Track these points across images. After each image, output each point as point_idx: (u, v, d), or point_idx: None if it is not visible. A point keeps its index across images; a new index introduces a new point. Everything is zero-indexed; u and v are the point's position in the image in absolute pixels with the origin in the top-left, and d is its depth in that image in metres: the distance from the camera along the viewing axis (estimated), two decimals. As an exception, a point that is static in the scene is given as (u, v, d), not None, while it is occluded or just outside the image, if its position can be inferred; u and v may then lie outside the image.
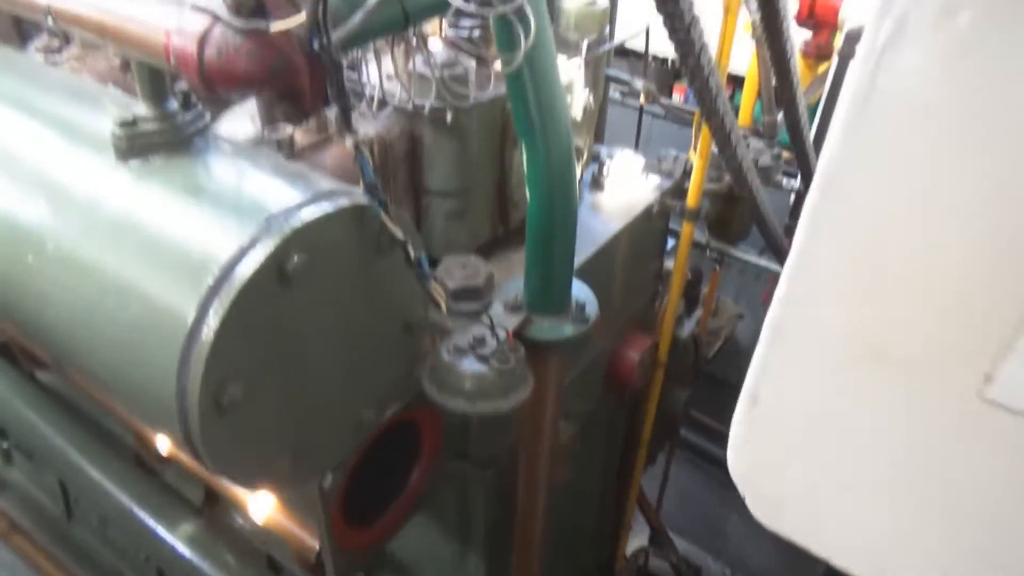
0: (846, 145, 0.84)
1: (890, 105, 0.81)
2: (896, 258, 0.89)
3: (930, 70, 0.77)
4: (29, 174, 1.78)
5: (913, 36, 0.75)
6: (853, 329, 0.93)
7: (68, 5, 1.63)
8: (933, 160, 0.82)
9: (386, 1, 1.44)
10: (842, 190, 0.86)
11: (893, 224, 0.87)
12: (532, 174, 1.85)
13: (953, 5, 0.71)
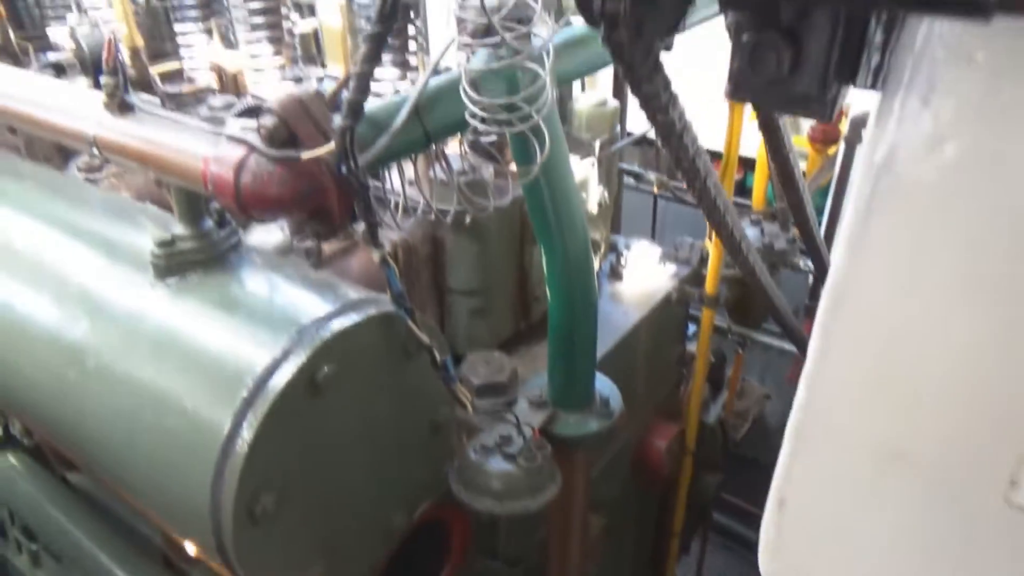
0: (851, 259, 0.88)
1: (889, 222, 0.85)
2: (911, 364, 0.91)
3: (923, 192, 0.82)
4: (72, 293, 1.87)
5: (905, 162, 0.80)
6: (873, 434, 0.95)
7: (111, 136, 1.74)
8: (937, 270, 0.86)
9: (409, 124, 1.53)
10: (851, 301, 0.90)
11: (905, 332, 0.90)
12: (551, 276, 1.90)
13: (939, 138, 0.76)
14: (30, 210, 2.17)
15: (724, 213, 1.13)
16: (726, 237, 1.25)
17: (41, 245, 2.02)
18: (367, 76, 1.29)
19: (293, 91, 1.47)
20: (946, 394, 0.91)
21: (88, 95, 1.87)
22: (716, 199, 1.08)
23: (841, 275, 0.88)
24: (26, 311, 1.91)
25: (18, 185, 2.35)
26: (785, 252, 3.26)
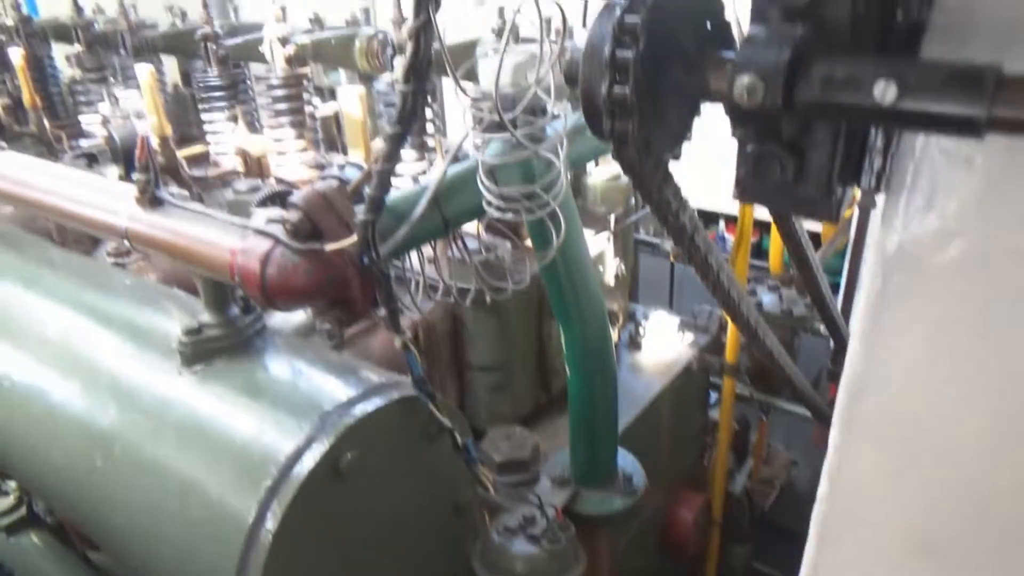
0: (867, 350, 0.90)
1: (903, 313, 0.87)
2: (935, 453, 0.91)
3: (934, 284, 0.84)
4: (102, 381, 1.91)
5: (914, 257, 0.82)
6: (901, 526, 0.94)
7: (142, 229, 1.81)
8: (954, 359, 0.87)
9: (428, 213, 1.58)
10: (870, 392, 0.91)
11: (926, 421, 0.91)
12: (571, 355, 1.92)
13: (945, 235, 0.79)
14: (63, 298, 2.24)
15: (739, 303, 1.15)
16: (743, 325, 1.26)
17: (73, 333, 2.07)
18: (388, 173, 1.34)
19: (317, 186, 1.53)
20: (973, 481, 0.90)
21: (120, 189, 1.95)
22: (730, 290, 1.10)
23: (858, 367, 0.89)
24: (57, 397, 1.95)
25: (51, 273, 2.42)
26: (805, 318, 3.26)
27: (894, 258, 0.83)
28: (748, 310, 1.22)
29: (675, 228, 0.88)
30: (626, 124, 0.69)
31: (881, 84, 0.61)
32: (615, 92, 0.68)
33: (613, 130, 0.70)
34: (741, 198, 0.77)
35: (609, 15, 0.70)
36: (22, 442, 2.08)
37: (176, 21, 4.33)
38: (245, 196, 2.96)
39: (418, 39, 1.15)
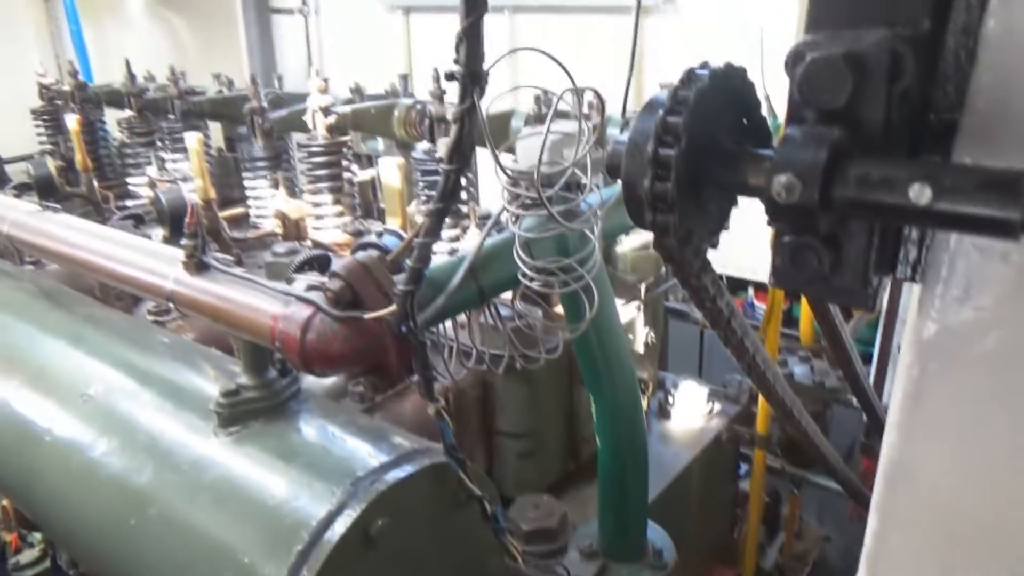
0: (904, 439, 0.90)
1: (941, 402, 0.87)
2: (974, 544, 0.90)
3: (972, 373, 0.84)
4: (140, 440, 1.94)
5: (951, 347, 0.83)
6: (940, 616, 0.93)
7: (188, 293, 1.87)
8: (994, 448, 0.87)
9: (464, 283, 1.61)
10: (907, 482, 0.90)
11: (966, 511, 0.90)
12: (601, 425, 1.92)
13: (982, 327, 0.80)
14: (105, 356, 2.29)
15: (774, 384, 1.16)
16: (778, 405, 1.26)
17: (114, 390, 2.11)
18: (429, 247, 1.39)
19: (359, 256, 1.58)
20: (1015, 572, 0.89)
21: (168, 253, 2.02)
22: (766, 372, 1.11)
23: (896, 455, 0.89)
24: (96, 454, 1.98)
25: (95, 331, 2.49)
26: (837, 390, 3.22)
27: (931, 347, 0.84)
28: (783, 391, 1.22)
29: (712, 313, 0.90)
30: (667, 217, 0.72)
31: (916, 187, 0.64)
32: (657, 187, 0.72)
33: (655, 222, 0.73)
34: (778, 286, 0.79)
35: (651, 114, 0.74)
36: (57, 496, 2.11)
37: (223, 89, 4.53)
38: (283, 259, 3.04)
39: (463, 123, 1.20)
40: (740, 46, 6.13)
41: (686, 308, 3.28)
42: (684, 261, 0.78)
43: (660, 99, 0.75)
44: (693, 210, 0.75)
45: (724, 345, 0.99)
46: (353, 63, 8.77)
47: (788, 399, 1.26)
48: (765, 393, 1.22)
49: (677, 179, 0.71)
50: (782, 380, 1.22)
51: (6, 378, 2.36)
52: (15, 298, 2.77)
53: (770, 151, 0.75)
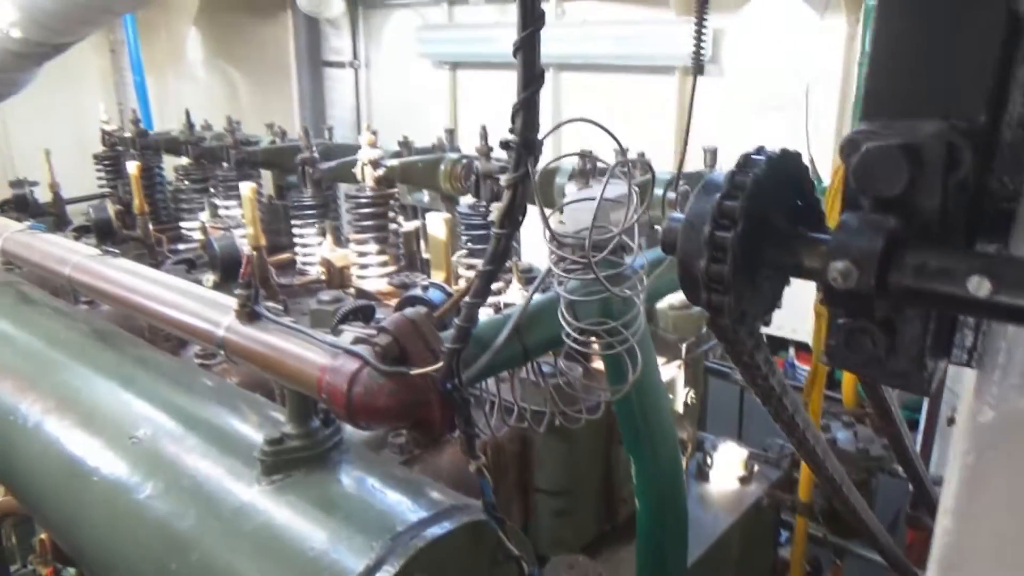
0: (958, 526, 0.88)
1: (997, 491, 0.86)
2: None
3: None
4: (184, 483, 1.97)
5: (1008, 436, 0.82)
6: None
7: (239, 341, 1.92)
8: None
9: (509, 342, 1.63)
10: (961, 568, 0.89)
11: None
12: (640, 488, 1.90)
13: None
14: (153, 398, 2.35)
15: (824, 460, 1.15)
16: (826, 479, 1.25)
17: (161, 433, 2.16)
18: (477, 307, 1.41)
19: (407, 312, 1.61)
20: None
21: (219, 300, 2.08)
22: (815, 448, 1.10)
23: (950, 542, 0.87)
24: (141, 496, 2.01)
25: (145, 373, 2.56)
26: (882, 459, 3.14)
27: (988, 433, 0.83)
28: (833, 467, 1.21)
29: (763, 390, 0.91)
30: (722, 298, 0.74)
31: (975, 279, 0.64)
32: (713, 269, 0.73)
33: (710, 302, 0.75)
34: (831, 364, 0.80)
35: (707, 196, 0.76)
36: (101, 535, 2.14)
37: (276, 140, 4.69)
38: (327, 306, 3.10)
39: (515, 190, 1.24)
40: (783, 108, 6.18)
41: (727, 368, 3.25)
42: (738, 340, 0.79)
43: (717, 181, 0.77)
44: (747, 290, 0.77)
45: (774, 420, 0.99)
46: (400, 115, 9.02)
47: (837, 474, 1.25)
48: (814, 468, 1.20)
49: (733, 261, 0.72)
50: (832, 456, 1.21)
51: (60, 416, 2.43)
52: (71, 338, 2.86)
53: (826, 235, 0.76)
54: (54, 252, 2.77)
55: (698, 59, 1.23)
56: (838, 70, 5.96)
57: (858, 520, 1.54)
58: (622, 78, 7.25)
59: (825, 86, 5.81)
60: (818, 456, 1.12)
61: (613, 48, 7.08)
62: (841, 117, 5.97)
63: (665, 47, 6.75)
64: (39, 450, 2.46)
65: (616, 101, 7.28)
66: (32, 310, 3.24)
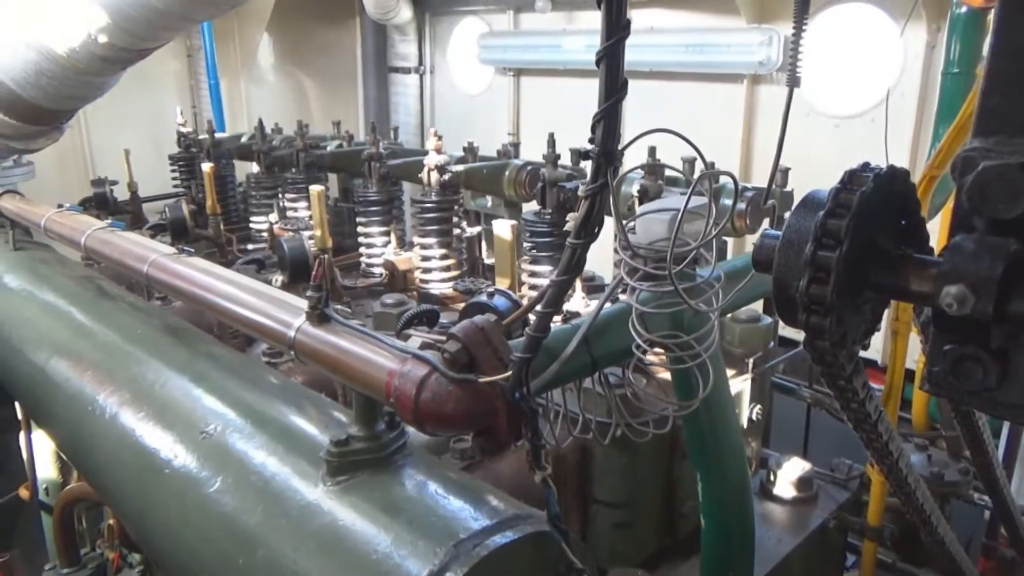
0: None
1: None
2: None
3: None
4: (251, 480, 2.01)
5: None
6: None
7: (309, 342, 1.95)
8: None
9: (577, 353, 1.62)
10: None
11: None
12: (707, 503, 1.86)
13: None
14: (223, 394, 2.41)
15: (915, 489, 1.10)
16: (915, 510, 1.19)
17: (231, 430, 2.21)
18: (549, 317, 1.40)
19: (477, 320, 1.61)
20: None
21: (291, 302, 2.12)
22: (907, 478, 1.05)
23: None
24: (211, 491, 2.06)
25: (215, 369, 2.62)
26: (957, 484, 3.01)
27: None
28: (924, 497, 1.15)
29: (858, 415, 0.87)
30: (823, 320, 0.71)
31: (1107, 309, 0.60)
32: (814, 290, 0.71)
33: (808, 324, 0.72)
34: (934, 393, 0.76)
35: (808, 213, 0.73)
36: (170, 527, 2.20)
37: (343, 143, 4.77)
38: (391, 310, 3.13)
39: (594, 201, 1.22)
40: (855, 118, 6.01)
41: (794, 384, 3.16)
42: (836, 364, 0.76)
43: (818, 198, 0.74)
44: (848, 312, 0.73)
45: (865, 446, 0.95)
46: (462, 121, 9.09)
47: (927, 504, 1.19)
48: (903, 497, 1.15)
49: (836, 283, 0.69)
50: (923, 485, 1.15)
51: (134, 409, 2.51)
52: (146, 333, 2.96)
53: (935, 257, 0.73)
54: (134, 250, 2.87)
55: (794, 71, 1.19)
56: (916, 80, 5.76)
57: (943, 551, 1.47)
58: (687, 86, 7.16)
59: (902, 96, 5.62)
60: (908, 485, 1.07)
61: (680, 56, 7.00)
62: (918, 129, 5.77)
63: (733, 55, 6.64)
64: (114, 441, 2.54)
65: (680, 110, 7.18)
66: (110, 305, 3.37)
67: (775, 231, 0.79)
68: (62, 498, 4.21)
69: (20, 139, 4.33)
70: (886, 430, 0.92)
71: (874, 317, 0.79)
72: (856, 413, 0.86)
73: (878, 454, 0.96)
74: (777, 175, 3.17)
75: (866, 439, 0.92)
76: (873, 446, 0.94)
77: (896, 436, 0.96)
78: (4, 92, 3.89)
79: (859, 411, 0.85)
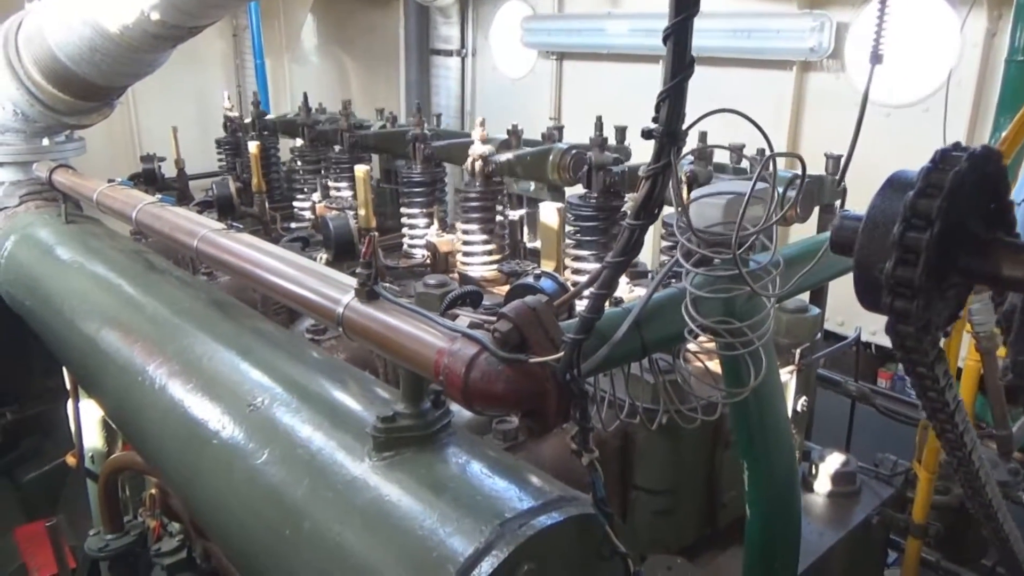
0: None
1: None
2: None
3: None
4: (298, 454, 2.04)
5: None
6: None
7: (357, 319, 1.96)
8: None
9: (629, 336, 1.60)
10: None
11: None
12: (753, 494, 1.84)
13: None
14: (269, 369, 2.45)
15: (985, 483, 1.07)
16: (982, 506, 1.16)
17: (278, 404, 2.24)
18: (604, 298, 1.39)
19: (528, 300, 1.60)
20: None
21: (339, 279, 2.14)
22: (979, 471, 1.03)
23: None
24: (258, 463, 2.09)
25: (260, 343, 2.66)
26: (1007, 484, 2.94)
27: None
28: (992, 492, 1.12)
29: (935, 404, 0.85)
30: (909, 303, 0.69)
31: None
32: (900, 272, 0.68)
33: (893, 307, 0.70)
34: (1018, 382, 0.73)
35: (895, 194, 0.71)
36: (218, 497, 2.24)
37: (387, 124, 4.79)
38: (433, 290, 3.14)
39: (655, 181, 1.20)
40: (909, 106, 5.85)
41: (840, 378, 3.11)
42: (920, 350, 0.73)
43: (906, 178, 0.72)
44: (935, 297, 0.71)
45: (937, 436, 0.93)
46: (503, 104, 9.06)
47: (996, 500, 1.16)
48: (971, 492, 1.12)
49: (925, 265, 0.67)
50: (993, 482, 1.12)
51: (183, 380, 2.56)
52: (194, 307, 3.01)
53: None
54: (184, 225, 2.91)
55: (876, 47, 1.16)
56: (974, 69, 5.58)
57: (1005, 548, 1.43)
58: (734, 72, 7.03)
59: (958, 86, 5.46)
60: (979, 479, 1.04)
61: (727, 41, 6.87)
62: (974, 118, 5.59)
63: (783, 41, 6.50)
64: (163, 411, 2.60)
65: (726, 96, 7.06)
66: (159, 278, 3.44)
67: (856, 213, 0.77)
68: (107, 466, 4.32)
69: (73, 115, 4.43)
70: (962, 420, 0.90)
71: (958, 303, 0.77)
72: (933, 402, 0.84)
73: (950, 445, 0.94)
74: (828, 161, 3.11)
75: (939, 428, 0.90)
76: (946, 436, 0.92)
77: (971, 428, 0.93)
78: (59, 68, 3.98)
79: (937, 400, 0.83)
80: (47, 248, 4.07)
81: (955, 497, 3.01)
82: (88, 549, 4.46)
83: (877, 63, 1.15)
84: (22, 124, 4.36)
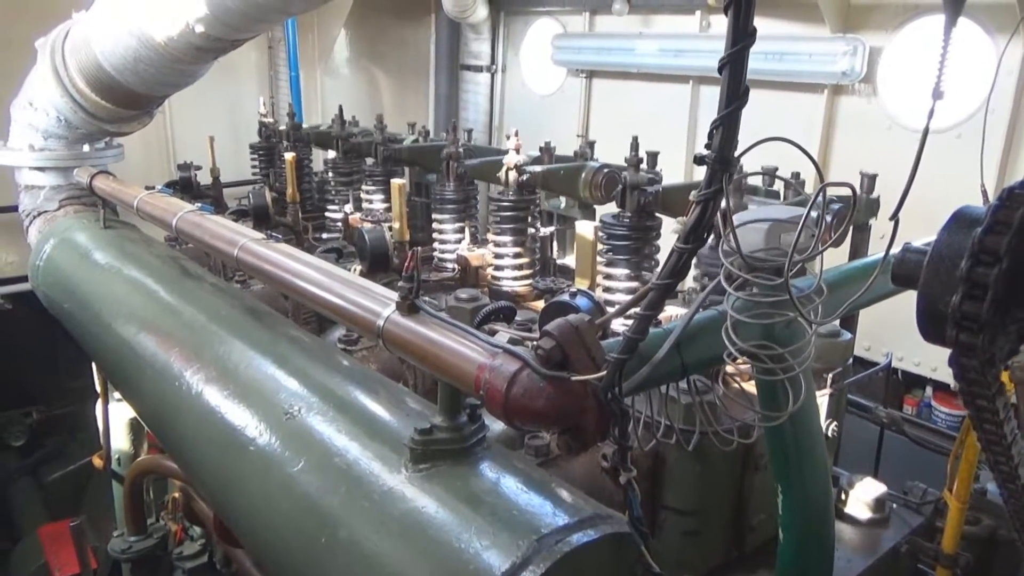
0: None
1: None
2: None
3: None
4: (335, 462, 2.06)
5: None
6: None
7: (398, 332, 1.99)
8: None
9: (669, 357, 1.62)
10: None
11: None
12: (787, 519, 1.84)
13: None
14: (304, 377, 2.48)
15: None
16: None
17: (314, 413, 2.27)
18: (650, 320, 1.41)
19: (571, 319, 1.63)
20: None
21: (379, 292, 2.17)
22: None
23: None
24: (294, 471, 2.12)
25: (295, 352, 2.70)
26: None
27: None
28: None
29: (992, 436, 0.86)
30: (975, 337, 0.70)
31: None
32: (967, 306, 0.70)
33: (958, 340, 0.71)
34: (1078, 418, 0.75)
35: (962, 229, 0.73)
36: (254, 504, 2.27)
37: (419, 138, 4.85)
38: (464, 304, 3.17)
39: (706, 206, 1.22)
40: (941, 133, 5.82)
41: (870, 404, 3.09)
42: (983, 383, 0.75)
43: (973, 214, 0.74)
44: (998, 332, 0.73)
45: (990, 468, 0.94)
46: (531, 121, 9.12)
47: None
48: (1021, 524, 1.13)
49: (993, 299, 0.69)
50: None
51: (219, 387, 2.61)
52: (231, 314, 3.06)
53: (1095, 279, 0.72)
54: (224, 234, 2.97)
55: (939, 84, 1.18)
56: (1009, 97, 5.55)
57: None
58: (765, 94, 7.03)
59: (992, 113, 5.43)
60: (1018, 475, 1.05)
61: (758, 63, 6.87)
62: (1008, 147, 5.56)
63: (815, 64, 6.50)
64: (199, 416, 2.64)
65: (757, 118, 7.06)
66: (194, 284, 3.50)
67: (920, 246, 0.79)
68: (133, 469, 4.38)
69: (114, 122, 4.53)
70: (1019, 452, 0.90)
71: (1019, 338, 0.78)
72: (990, 434, 0.85)
73: (1004, 477, 0.95)
74: (864, 180, 3.11)
75: (993, 460, 0.91)
76: (1000, 468, 0.92)
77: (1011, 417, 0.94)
78: (104, 77, 4.08)
79: (994, 432, 0.84)
80: (85, 252, 4.15)
81: (985, 528, 2.98)
82: (111, 550, 4.51)
83: (939, 99, 1.16)
84: (65, 130, 4.47)
